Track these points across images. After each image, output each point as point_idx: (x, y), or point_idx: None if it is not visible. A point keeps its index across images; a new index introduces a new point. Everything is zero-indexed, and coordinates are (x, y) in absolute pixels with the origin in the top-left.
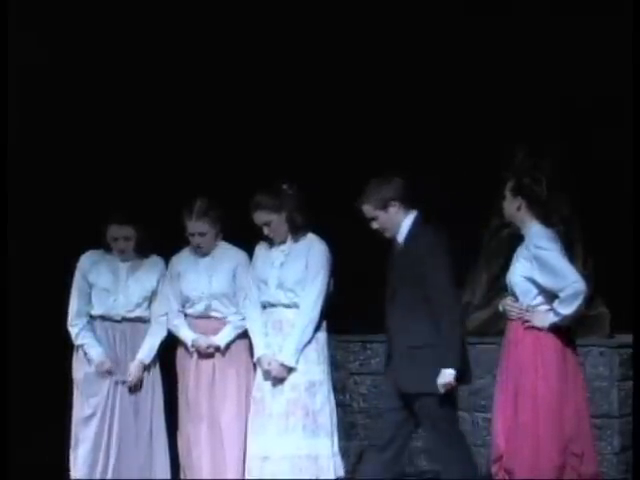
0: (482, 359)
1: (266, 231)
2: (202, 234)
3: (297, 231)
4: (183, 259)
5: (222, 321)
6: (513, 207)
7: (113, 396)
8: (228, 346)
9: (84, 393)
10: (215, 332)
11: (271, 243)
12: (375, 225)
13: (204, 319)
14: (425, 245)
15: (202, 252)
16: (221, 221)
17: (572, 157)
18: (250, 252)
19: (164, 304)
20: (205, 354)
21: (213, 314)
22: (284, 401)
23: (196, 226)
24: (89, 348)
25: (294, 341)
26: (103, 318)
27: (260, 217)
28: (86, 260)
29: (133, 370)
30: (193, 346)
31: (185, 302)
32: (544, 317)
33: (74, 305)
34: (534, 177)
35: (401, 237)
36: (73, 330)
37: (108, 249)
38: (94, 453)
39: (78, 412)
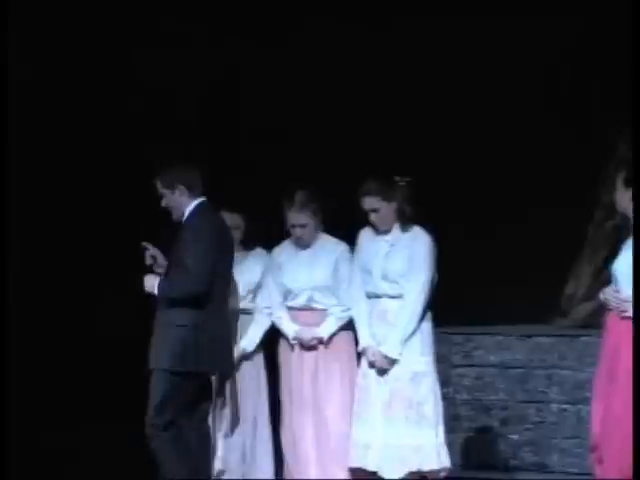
0: (586, 351)
1: (373, 217)
2: (303, 226)
3: (405, 223)
4: (284, 251)
5: (324, 313)
6: (626, 199)
7: (218, 388)
8: (331, 337)
9: None
10: (317, 324)
11: (375, 230)
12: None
13: (306, 311)
14: None
15: (303, 244)
16: (322, 212)
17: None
18: (350, 242)
19: (267, 296)
20: (308, 346)
21: (315, 306)
22: (387, 391)
23: (297, 217)
24: None
25: (398, 333)
26: None
27: (369, 203)
28: None
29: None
30: (295, 339)
31: (287, 294)
32: None
33: None
34: None
35: None
36: None
37: None
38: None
39: None
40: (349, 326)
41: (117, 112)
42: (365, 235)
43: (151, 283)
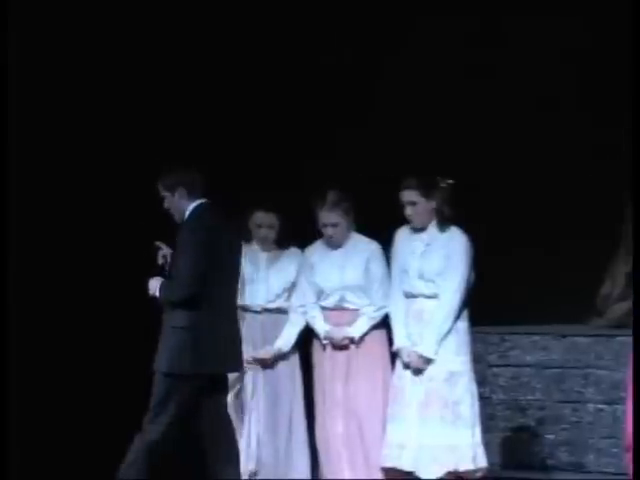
0: (623, 351)
1: (409, 211)
2: (334, 225)
3: (443, 222)
4: (316, 250)
5: (356, 312)
6: None
7: (253, 388)
8: (363, 337)
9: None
10: (349, 323)
11: (412, 229)
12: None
13: (338, 311)
14: None
15: (334, 243)
16: (354, 212)
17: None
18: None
19: (301, 296)
20: (339, 346)
21: (346, 306)
22: (423, 391)
23: (328, 217)
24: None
25: (433, 332)
26: (243, 309)
27: (407, 195)
28: None
29: (269, 354)
30: (326, 338)
31: (319, 294)
32: None
33: None
34: None
35: None
36: None
37: (247, 239)
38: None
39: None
40: (382, 325)
41: (135, 111)
42: (402, 234)
43: (154, 286)
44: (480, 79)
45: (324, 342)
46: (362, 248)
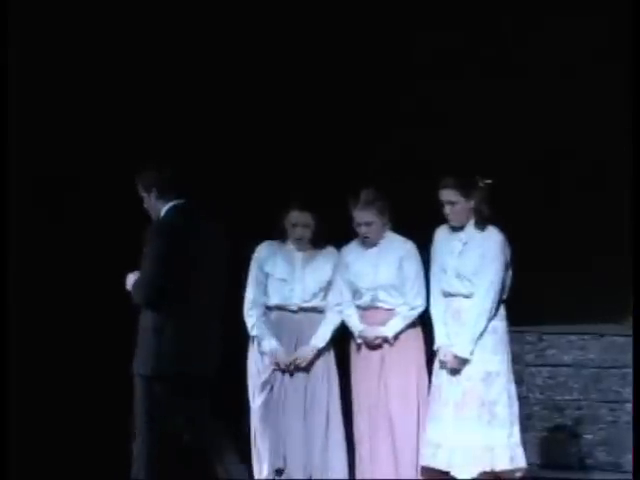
0: None
1: (447, 210)
2: (368, 224)
3: (482, 222)
4: (352, 250)
5: (391, 312)
6: None
7: (286, 389)
8: (397, 337)
9: (257, 385)
10: (383, 323)
11: (451, 228)
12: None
13: (372, 310)
14: None
15: (369, 242)
16: (389, 211)
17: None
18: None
19: (338, 294)
20: (373, 345)
21: (380, 305)
22: (460, 391)
23: (362, 216)
24: (262, 340)
25: (468, 332)
26: (279, 308)
27: (446, 195)
28: (263, 250)
29: (305, 353)
30: (359, 337)
31: (355, 293)
32: None
33: (250, 295)
34: None
35: None
36: (249, 321)
37: (282, 239)
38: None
39: (253, 404)
40: (417, 323)
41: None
42: (441, 233)
43: (130, 282)
44: (517, 79)
45: (358, 341)
46: (396, 247)
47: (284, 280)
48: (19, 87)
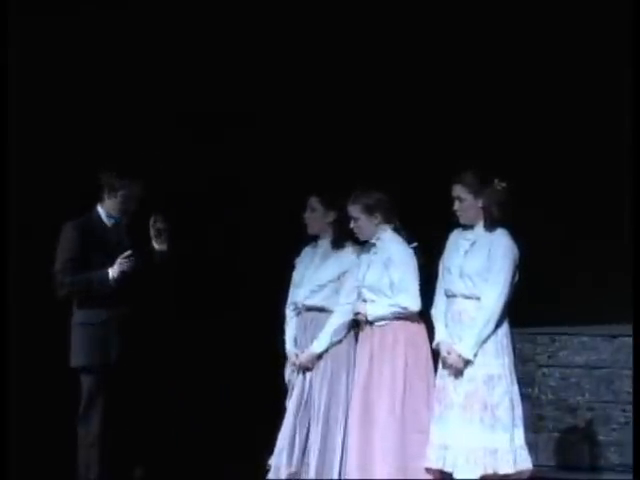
0: None
1: (456, 206)
2: (355, 219)
3: (491, 223)
4: (362, 250)
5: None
6: None
7: (309, 389)
8: (384, 330)
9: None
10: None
11: (462, 227)
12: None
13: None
14: None
15: (361, 238)
16: (384, 211)
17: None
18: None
19: (350, 293)
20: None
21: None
22: (463, 393)
23: (350, 210)
24: (286, 340)
25: (474, 334)
26: (296, 307)
27: (456, 190)
28: (302, 252)
29: (302, 359)
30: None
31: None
32: None
33: (289, 295)
34: None
35: None
36: (286, 321)
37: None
38: (289, 448)
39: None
40: (403, 316)
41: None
42: (453, 235)
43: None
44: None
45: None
46: (384, 248)
47: (300, 280)
48: (19, 87)
